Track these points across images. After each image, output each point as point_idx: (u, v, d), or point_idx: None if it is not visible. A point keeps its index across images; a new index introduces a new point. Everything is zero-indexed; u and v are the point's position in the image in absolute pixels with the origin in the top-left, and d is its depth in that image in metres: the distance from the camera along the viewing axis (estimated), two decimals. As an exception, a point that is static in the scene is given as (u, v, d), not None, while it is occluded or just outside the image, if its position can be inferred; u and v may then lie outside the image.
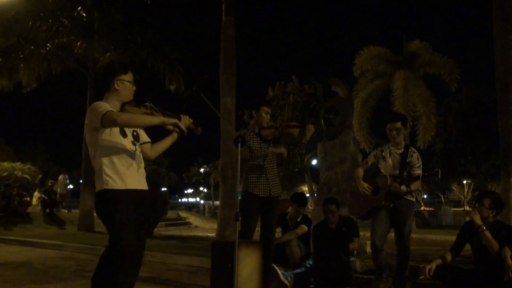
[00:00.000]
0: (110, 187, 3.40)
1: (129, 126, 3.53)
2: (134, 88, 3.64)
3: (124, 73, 3.59)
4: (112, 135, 3.49)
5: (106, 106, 3.45)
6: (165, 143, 3.85)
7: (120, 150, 3.49)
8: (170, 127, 3.55)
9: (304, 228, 6.33)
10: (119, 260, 3.30)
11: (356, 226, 6.22)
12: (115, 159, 3.46)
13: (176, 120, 3.49)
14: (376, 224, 5.17)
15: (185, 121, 3.69)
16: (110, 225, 3.39)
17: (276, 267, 5.48)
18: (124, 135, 3.54)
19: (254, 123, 5.33)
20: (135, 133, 3.63)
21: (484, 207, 4.58)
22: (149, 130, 3.80)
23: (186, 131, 3.59)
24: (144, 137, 3.76)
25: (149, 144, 3.81)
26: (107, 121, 3.34)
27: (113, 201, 3.38)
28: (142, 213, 3.55)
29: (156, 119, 3.47)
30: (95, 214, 14.85)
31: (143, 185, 3.60)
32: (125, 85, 3.58)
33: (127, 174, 3.47)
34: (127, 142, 3.56)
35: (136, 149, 3.61)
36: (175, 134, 3.78)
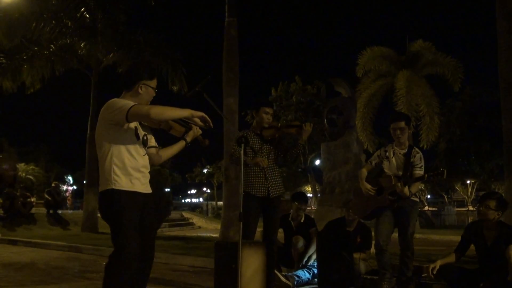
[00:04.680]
0: (118, 188, 3.37)
1: (160, 119, 3.48)
2: (154, 94, 3.60)
3: (150, 79, 3.56)
4: (127, 135, 3.45)
5: (128, 101, 3.41)
6: (173, 149, 3.82)
7: (132, 152, 3.45)
8: (197, 119, 3.51)
9: (315, 230, 6.32)
10: (126, 266, 3.28)
11: (371, 238, 6.15)
12: (126, 160, 3.42)
13: (203, 113, 3.48)
14: (380, 224, 5.17)
15: (195, 132, 3.76)
16: (116, 227, 3.35)
17: (276, 272, 5.46)
18: (137, 137, 3.50)
19: (255, 124, 5.33)
20: (145, 137, 3.59)
21: (491, 210, 4.55)
22: (156, 136, 3.79)
23: (212, 125, 3.58)
24: (152, 141, 3.72)
25: (156, 149, 3.76)
26: (136, 114, 3.31)
27: (120, 203, 3.35)
28: (147, 217, 3.53)
29: (185, 112, 3.43)
30: (99, 215, 14.91)
31: (148, 189, 3.58)
32: (148, 90, 3.54)
33: (135, 177, 3.45)
34: (139, 145, 3.53)
35: (145, 152, 3.59)
36: (183, 142, 3.77)
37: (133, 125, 3.47)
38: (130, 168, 3.43)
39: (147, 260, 3.54)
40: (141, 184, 3.49)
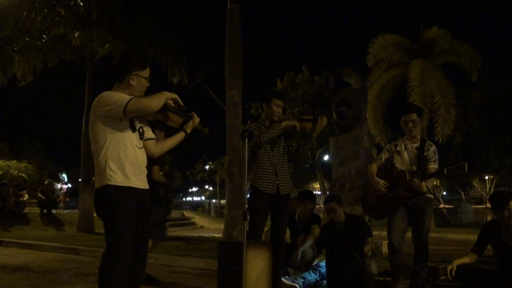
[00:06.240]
0: (113, 183, 3.38)
1: (156, 110, 3.48)
2: (148, 85, 3.62)
3: (142, 69, 3.57)
4: (122, 128, 3.45)
5: (123, 94, 3.44)
6: (172, 141, 3.82)
7: (128, 145, 3.47)
8: (170, 101, 3.56)
9: (318, 228, 6.33)
10: (119, 264, 3.32)
11: (367, 224, 6.21)
12: (122, 154, 3.43)
13: (176, 95, 3.56)
14: (393, 223, 5.16)
15: (195, 121, 3.75)
16: (110, 225, 3.38)
17: (282, 280, 5.47)
18: (133, 129, 3.52)
19: (265, 117, 5.32)
20: (141, 130, 3.60)
21: None
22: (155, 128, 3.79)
23: (184, 106, 3.62)
24: (148, 133, 3.72)
25: (154, 141, 3.75)
26: (136, 109, 3.35)
27: (115, 198, 3.37)
28: (144, 214, 3.55)
29: (164, 95, 3.49)
30: (95, 215, 14.95)
31: (145, 184, 3.60)
32: (141, 81, 3.56)
33: (132, 172, 3.46)
34: (135, 138, 3.54)
35: (142, 146, 3.61)
36: (183, 134, 3.77)
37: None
38: (126, 162, 3.44)
39: (140, 258, 3.56)
40: (138, 180, 3.51)
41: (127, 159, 3.45)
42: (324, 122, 5.19)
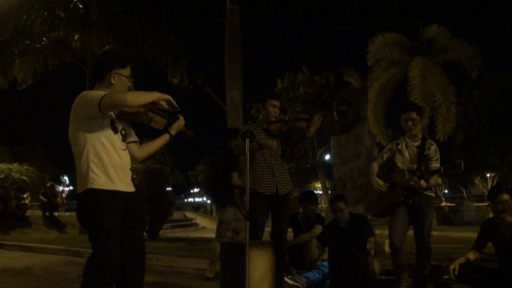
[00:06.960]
0: (97, 187, 3.27)
1: (136, 105, 3.38)
2: (130, 84, 3.55)
3: (122, 67, 3.49)
4: (103, 129, 3.35)
5: (99, 91, 3.34)
6: (156, 143, 3.75)
7: (110, 147, 3.36)
8: (164, 103, 3.50)
9: (320, 228, 6.32)
10: (103, 272, 3.26)
11: (370, 224, 6.21)
12: (105, 156, 3.33)
13: (169, 97, 3.48)
14: (394, 222, 5.16)
15: (180, 123, 3.70)
16: (94, 233, 3.30)
17: (286, 279, 5.47)
18: (115, 131, 3.42)
19: (262, 118, 5.31)
20: (123, 132, 3.51)
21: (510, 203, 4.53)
22: (140, 130, 3.75)
23: (178, 108, 3.57)
24: (132, 136, 3.63)
25: (137, 144, 3.67)
26: (110, 103, 3.22)
27: (100, 203, 3.25)
28: (132, 218, 3.46)
29: (153, 95, 3.41)
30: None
31: (130, 187, 3.51)
32: (122, 80, 3.47)
33: (115, 175, 3.36)
34: (118, 139, 3.44)
35: (125, 147, 3.52)
36: (167, 136, 3.71)
37: (109, 118, 3.39)
38: (109, 164, 3.34)
39: (137, 263, 3.49)
40: (122, 183, 3.41)
41: (110, 161, 3.35)
42: (319, 121, 5.15)
